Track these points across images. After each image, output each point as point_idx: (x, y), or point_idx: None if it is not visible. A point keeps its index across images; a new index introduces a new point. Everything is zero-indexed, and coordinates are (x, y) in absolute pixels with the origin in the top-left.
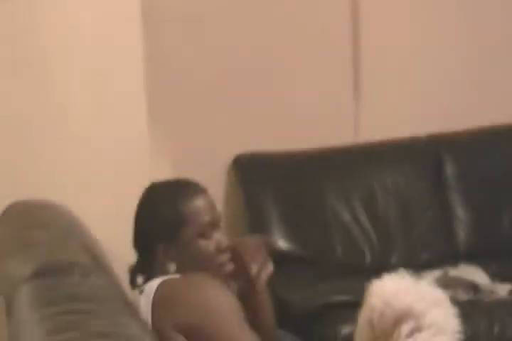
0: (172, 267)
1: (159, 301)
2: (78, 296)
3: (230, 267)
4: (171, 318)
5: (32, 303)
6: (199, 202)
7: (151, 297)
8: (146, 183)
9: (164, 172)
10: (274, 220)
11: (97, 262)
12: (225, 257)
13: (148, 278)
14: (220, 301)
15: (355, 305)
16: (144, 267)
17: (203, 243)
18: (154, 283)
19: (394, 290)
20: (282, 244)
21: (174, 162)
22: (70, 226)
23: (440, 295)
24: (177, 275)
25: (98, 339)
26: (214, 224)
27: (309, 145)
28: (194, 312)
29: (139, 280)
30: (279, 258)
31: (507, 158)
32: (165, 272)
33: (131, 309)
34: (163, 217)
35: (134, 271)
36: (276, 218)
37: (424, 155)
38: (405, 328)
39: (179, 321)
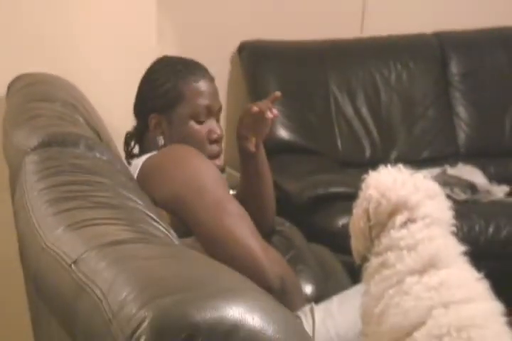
0: (160, 140)
1: (141, 178)
2: (82, 167)
3: (218, 162)
4: (152, 192)
5: (37, 172)
6: (202, 85)
7: (135, 176)
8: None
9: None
10: (276, 109)
11: (101, 138)
12: (214, 148)
13: (141, 150)
14: (200, 170)
15: (353, 196)
16: (138, 136)
17: (194, 125)
18: (140, 161)
19: (390, 182)
20: (284, 133)
21: (180, 46)
22: (75, 100)
23: (435, 188)
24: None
25: (101, 210)
26: (211, 111)
27: (315, 37)
28: (172, 182)
29: (135, 150)
30: (281, 147)
31: (511, 61)
32: (155, 144)
33: (134, 184)
34: (162, 88)
35: (128, 138)
36: (279, 107)
37: (430, 53)
38: (399, 219)
39: (159, 194)
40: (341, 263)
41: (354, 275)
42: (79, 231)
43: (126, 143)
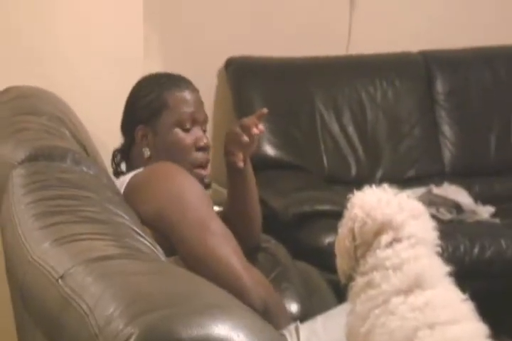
0: (146, 152)
1: (127, 194)
2: (69, 182)
3: (205, 172)
4: (137, 209)
5: (24, 186)
6: (186, 94)
7: (123, 188)
8: (136, 79)
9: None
10: (262, 125)
11: (87, 152)
12: (201, 156)
13: (128, 166)
14: (184, 188)
15: (339, 214)
16: (125, 152)
17: (180, 133)
18: (126, 177)
19: (375, 201)
20: (269, 149)
21: (167, 60)
22: (62, 114)
23: (419, 208)
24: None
25: (88, 224)
26: (196, 120)
27: (302, 55)
28: (156, 200)
29: (123, 167)
30: (266, 163)
31: (497, 79)
32: (141, 156)
33: (120, 198)
34: (146, 99)
35: (116, 155)
36: (265, 123)
37: (415, 71)
38: (385, 238)
39: (143, 211)
40: (327, 282)
41: (339, 293)
42: (66, 246)
43: (114, 161)
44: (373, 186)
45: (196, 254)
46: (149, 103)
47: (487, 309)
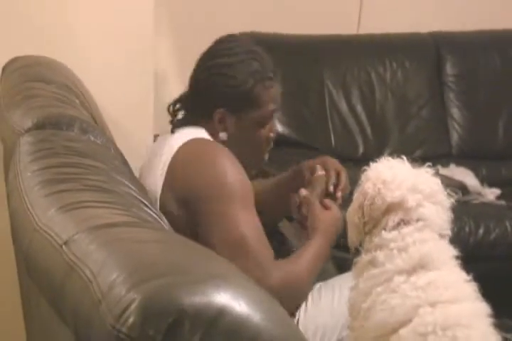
0: (224, 136)
1: (173, 165)
2: (76, 150)
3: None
4: (175, 183)
5: (30, 154)
6: (274, 91)
7: (169, 158)
8: (147, 52)
9: (166, 47)
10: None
11: (96, 121)
12: (269, 148)
13: (188, 119)
14: (229, 176)
15: None
16: (193, 109)
17: (261, 131)
18: (175, 144)
19: (389, 178)
20: (278, 127)
21: (177, 37)
22: (70, 83)
23: (436, 187)
24: (203, 137)
25: (93, 193)
26: (275, 114)
27: (312, 33)
28: (196, 179)
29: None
30: (274, 140)
31: (506, 63)
32: (214, 136)
33: (128, 168)
34: (239, 90)
35: (176, 103)
36: None
37: (425, 53)
38: (392, 219)
39: (180, 187)
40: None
41: (341, 269)
42: (70, 213)
43: (172, 108)
44: (391, 158)
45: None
46: (240, 95)
47: (489, 291)
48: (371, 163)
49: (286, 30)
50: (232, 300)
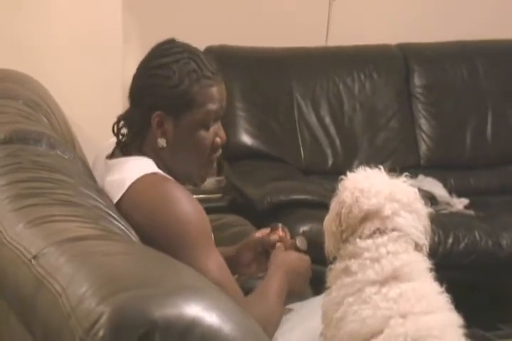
0: (162, 143)
1: (125, 203)
2: (44, 165)
3: (211, 171)
4: (133, 219)
5: None
6: (215, 91)
7: (119, 195)
8: (117, 65)
9: (135, 60)
10: (239, 115)
11: (65, 137)
12: (215, 155)
13: (135, 144)
14: (188, 220)
15: (315, 204)
16: (129, 121)
17: (202, 133)
18: (128, 179)
19: (366, 187)
20: (247, 139)
21: (145, 51)
22: (39, 98)
23: (413, 196)
24: (153, 170)
25: (61, 207)
26: (219, 116)
27: (281, 45)
28: (143, 209)
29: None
30: (243, 153)
31: (474, 74)
32: (153, 143)
33: (95, 183)
34: (174, 91)
35: (120, 120)
36: (243, 113)
37: (393, 65)
38: (368, 227)
39: (140, 225)
40: None
41: (313, 281)
42: (39, 227)
43: (116, 127)
44: (368, 168)
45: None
46: (176, 96)
47: (460, 300)
48: (348, 173)
49: (255, 43)
50: (204, 312)
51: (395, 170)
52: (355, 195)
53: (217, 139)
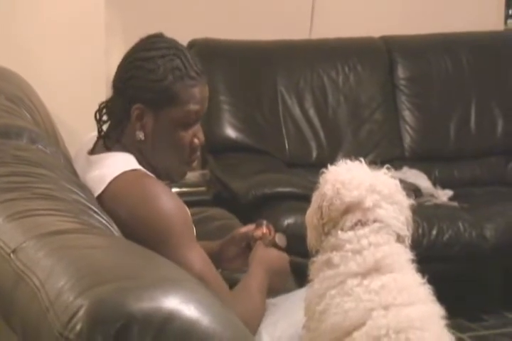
0: (140, 136)
1: (104, 198)
2: (25, 159)
3: (190, 168)
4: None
5: None
6: (197, 91)
7: (99, 190)
8: (100, 59)
9: (118, 54)
10: (224, 108)
11: (47, 132)
12: (194, 156)
13: (115, 136)
14: (168, 215)
15: (299, 196)
16: (114, 112)
17: (181, 132)
18: (108, 175)
19: (347, 179)
20: (231, 132)
21: (128, 44)
22: (21, 93)
23: (394, 188)
24: (133, 167)
25: (42, 201)
26: (199, 116)
27: (264, 38)
28: (125, 205)
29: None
30: (228, 146)
31: (457, 65)
32: (132, 136)
33: (76, 177)
34: (156, 85)
35: (101, 108)
36: (227, 107)
37: (377, 57)
38: (349, 219)
39: (123, 219)
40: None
41: (297, 274)
42: (19, 222)
43: (98, 115)
44: (349, 161)
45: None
46: (158, 91)
47: (444, 291)
48: (329, 166)
49: (239, 36)
50: (181, 304)
51: (376, 162)
52: (336, 187)
53: (196, 140)
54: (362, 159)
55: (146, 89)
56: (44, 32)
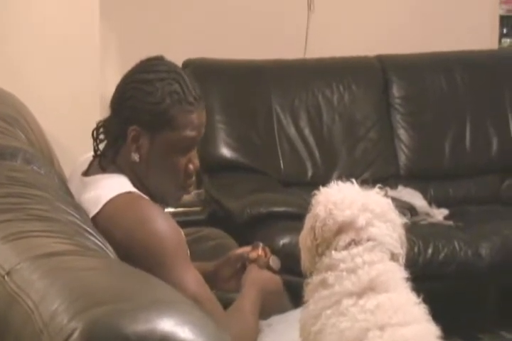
0: (135, 157)
1: (99, 220)
2: (19, 180)
3: (186, 193)
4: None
5: None
6: (195, 117)
7: (95, 211)
8: (95, 79)
9: (113, 73)
10: (219, 127)
11: (43, 153)
12: (189, 181)
13: (111, 156)
14: (164, 237)
15: (294, 216)
16: (110, 132)
17: (176, 157)
18: (103, 197)
19: (339, 200)
20: (226, 151)
21: (124, 64)
22: (17, 114)
23: (386, 207)
24: (128, 189)
25: (36, 222)
26: (195, 143)
27: (259, 58)
28: (120, 227)
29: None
30: (223, 165)
31: (452, 84)
32: (127, 157)
33: (71, 198)
34: (154, 108)
35: (99, 127)
36: (222, 126)
37: (372, 76)
38: (343, 239)
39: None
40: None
41: (293, 294)
42: (13, 243)
43: (96, 134)
44: (340, 182)
45: None
46: (155, 113)
47: (440, 310)
48: (321, 188)
49: (234, 56)
50: (176, 327)
51: (368, 181)
52: (328, 207)
53: (190, 166)
54: (353, 180)
55: (143, 111)
56: (38, 52)
